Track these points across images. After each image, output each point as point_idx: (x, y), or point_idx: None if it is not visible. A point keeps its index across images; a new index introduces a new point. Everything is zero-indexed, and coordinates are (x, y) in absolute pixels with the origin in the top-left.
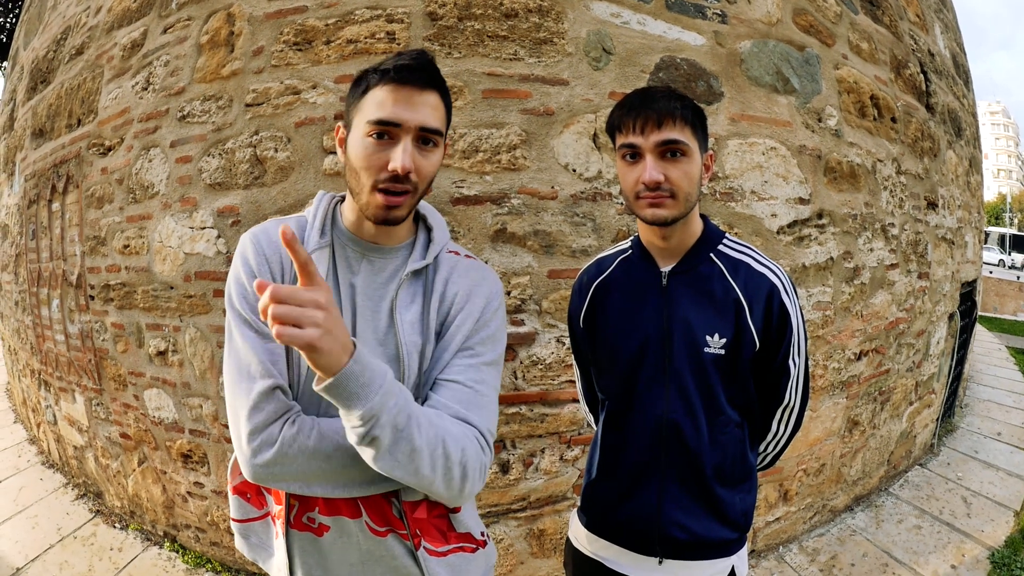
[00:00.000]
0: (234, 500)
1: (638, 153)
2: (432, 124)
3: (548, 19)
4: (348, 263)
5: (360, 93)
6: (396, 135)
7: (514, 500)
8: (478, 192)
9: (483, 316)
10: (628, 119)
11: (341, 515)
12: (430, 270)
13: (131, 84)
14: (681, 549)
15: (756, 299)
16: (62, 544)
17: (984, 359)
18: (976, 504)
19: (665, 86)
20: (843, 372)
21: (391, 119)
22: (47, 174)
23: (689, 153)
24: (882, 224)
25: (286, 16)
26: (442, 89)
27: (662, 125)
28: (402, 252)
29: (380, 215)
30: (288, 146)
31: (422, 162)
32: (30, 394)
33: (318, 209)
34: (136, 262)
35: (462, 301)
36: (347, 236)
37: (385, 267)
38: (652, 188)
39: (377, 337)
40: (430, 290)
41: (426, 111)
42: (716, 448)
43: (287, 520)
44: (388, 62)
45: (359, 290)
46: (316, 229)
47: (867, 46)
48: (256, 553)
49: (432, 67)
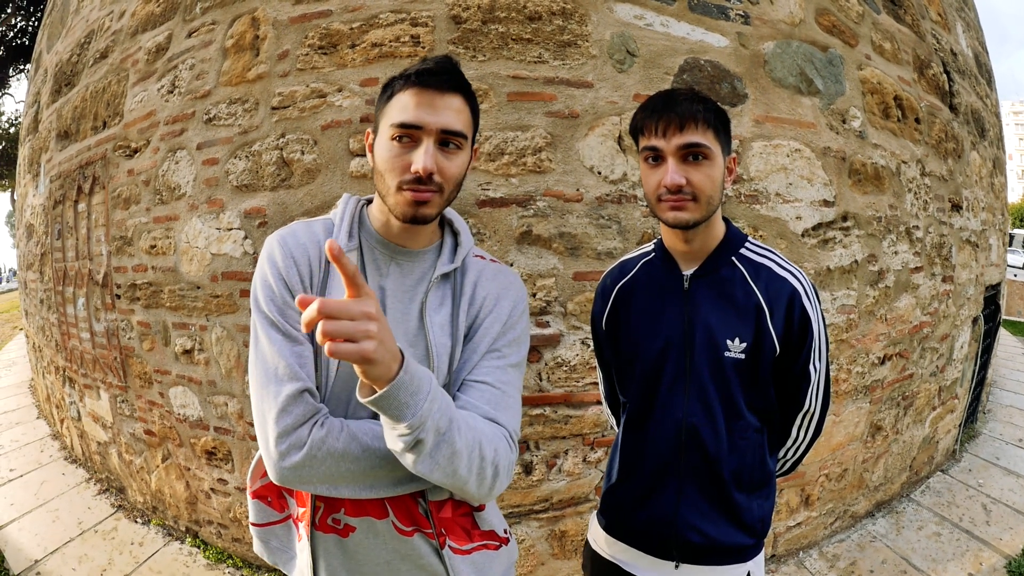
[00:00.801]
0: (254, 505)
1: (660, 156)
2: (454, 127)
3: (572, 21)
4: (377, 266)
5: (386, 98)
6: (418, 137)
7: (536, 501)
8: (504, 194)
9: (510, 319)
10: (650, 122)
11: (368, 515)
12: (458, 273)
13: (156, 87)
14: (698, 553)
15: (777, 304)
16: (82, 538)
17: (1008, 364)
18: (996, 511)
19: (688, 88)
20: (867, 376)
21: (412, 122)
22: (73, 175)
23: (711, 156)
24: (907, 227)
25: (311, 20)
26: (467, 92)
27: (684, 128)
28: (429, 255)
29: (408, 212)
30: (315, 148)
31: (445, 164)
32: (54, 390)
33: (345, 212)
34: (163, 262)
35: (491, 305)
36: (376, 238)
37: (413, 270)
38: (674, 191)
39: (408, 339)
40: (459, 293)
41: (448, 114)
42: (735, 453)
43: (312, 522)
44: (412, 68)
45: (389, 292)
46: (344, 232)
47: (890, 46)
48: (276, 557)
49: (455, 71)
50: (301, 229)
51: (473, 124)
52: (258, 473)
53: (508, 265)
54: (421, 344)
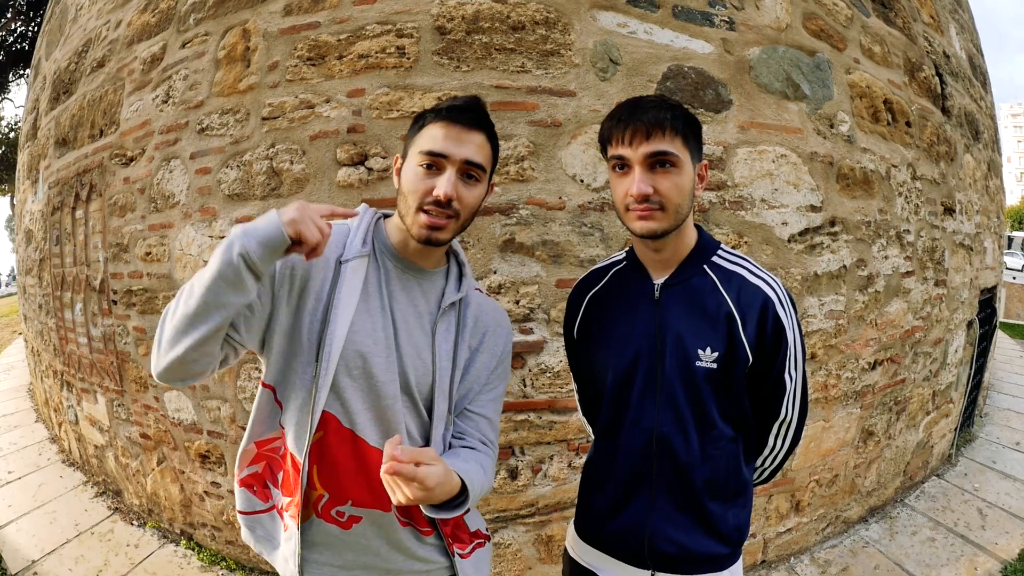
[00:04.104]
0: (240, 492)
1: (627, 165)
2: (476, 159)
3: (555, 31)
4: (387, 276)
5: (417, 129)
6: (443, 166)
7: (522, 506)
8: (487, 203)
9: (503, 353)
10: (617, 131)
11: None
12: (462, 304)
13: (151, 97)
14: (672, 563)
15: (750, 312)
16: (79, 539)
17: (1005, 367)
18: (991, 516)
19: (657, 95)
20: (857, 382)
21: (440, 151)
22: (71, 182)
23: (679, 164)
24: (897, 231)
25: (300, 32)
26: (490, 131)
27: (651, 136)
28: (437, 277)
29: (423, 234)
30: (303, 158)
31: (464, 192)
32: (52, 394)
33: (362, 220)
34: (158, 269)
35: (490, 340)
36: (390, 252)
37: (422, 287)
38: (640, 201)
39: (416, 353)
40: (462, 325)
41: (471, 148)
42: (707, 462)
43: (315, 508)
44: (444, 103)
45: (400, 304)
46: (359, 238)
47: (880, 49)
48: (261, 545)
49: (481, 110)
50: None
51: (492, 160)
52: (244, 462)
53: (492, 273)
54: (428, 366)
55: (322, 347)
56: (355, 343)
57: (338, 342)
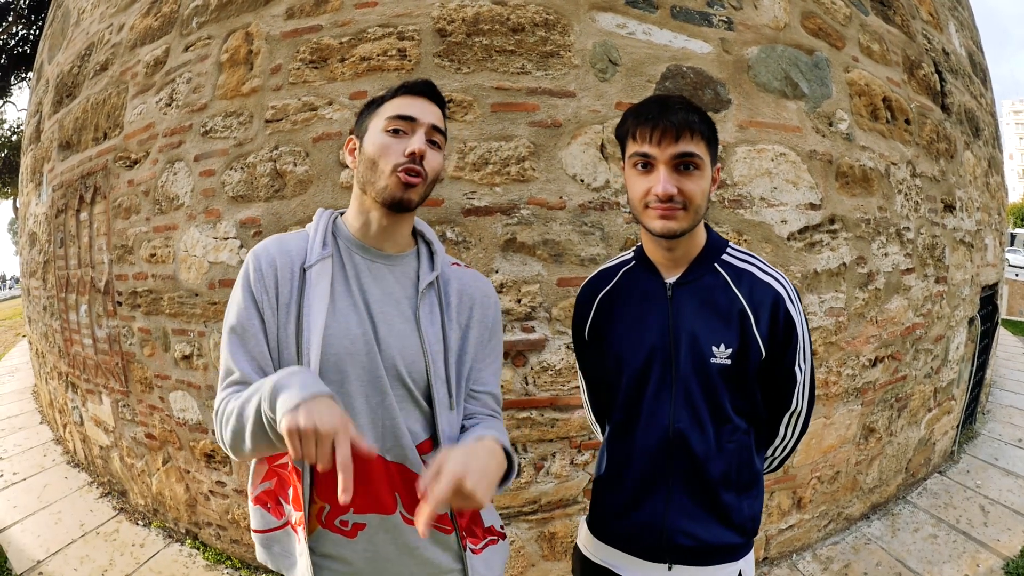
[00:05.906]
0: (255, 511)
1: (651, 163)
2: (440, 125)
3: (554, 32)
4: (356, 271)
5: (375, 107)
6: (413, 128)
7: (525, 503)
8: (488, 203)
9: (494, 322)
10: (644, 128)
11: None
12: (440, 282)
13: (155, 100)
14: (689, 555)
15: (762, 309)
16: (84, 539)
17: (1008, 363)
18: (994, 513)
19: (680, 96)
20: (858, 379)
21: (409, 113)
22: (74, 185)
23: (702, 167)
24: (897, 228)
25: (302, 35)
26: (443, 108)
27: (680, 138)
28: (408, 260)
29: (397, 194)
30: (306, 160)
31: (431, 155)
32: (57, 396)
33: (318, 224)
34: (163, 270)
35: (478, 311)
36: (353, 243)
37: (395, 274)
38: (665, 200)
39: (402, 341)
40: (446, 303)
41: (434, 115)
42: (723, 455)
43: (319, 519)
44: (398, 85)
45: (375, 296)
46: (318, 243)
47: (878, 47)
48: (280, 563)
49: (436, 89)
50: (274, 245)
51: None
52: (257, 479)
53: (494, 272)
54: (418, 352)
55: (300, 357)
56: (332, 346)
57: (315, 349)
